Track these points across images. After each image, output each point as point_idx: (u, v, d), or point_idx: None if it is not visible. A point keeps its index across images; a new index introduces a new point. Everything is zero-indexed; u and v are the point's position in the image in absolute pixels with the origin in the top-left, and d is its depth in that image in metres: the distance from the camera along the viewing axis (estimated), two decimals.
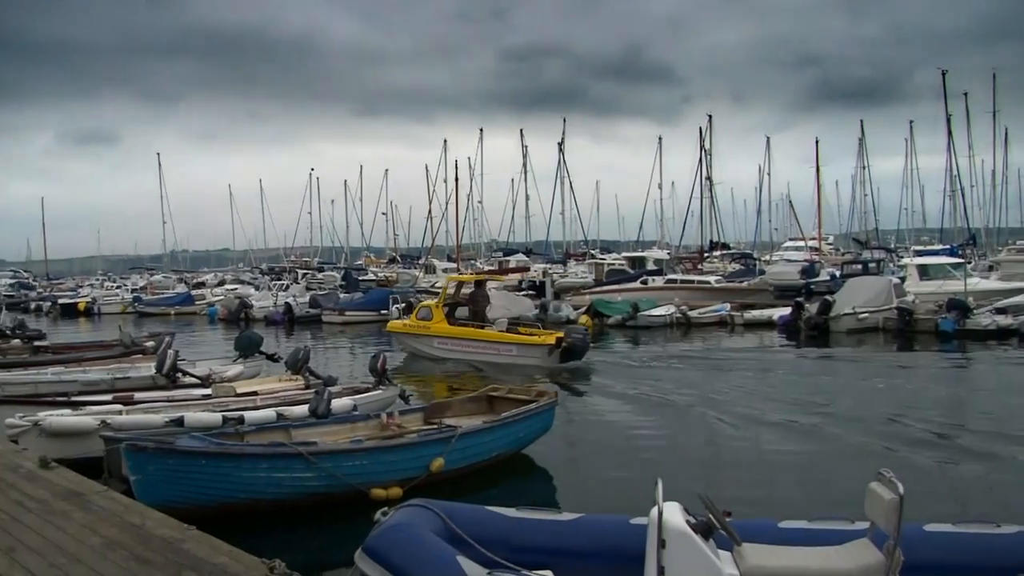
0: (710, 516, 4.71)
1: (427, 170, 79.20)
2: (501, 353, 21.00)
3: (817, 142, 74.50)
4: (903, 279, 33.75)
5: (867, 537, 5.01)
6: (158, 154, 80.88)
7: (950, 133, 55.48)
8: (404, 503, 5.86)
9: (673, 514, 4.60)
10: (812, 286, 39.61)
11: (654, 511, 4.59)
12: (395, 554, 5.08)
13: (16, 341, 20.38)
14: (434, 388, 18.39)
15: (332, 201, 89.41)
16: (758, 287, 41.24)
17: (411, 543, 5.13)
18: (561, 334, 21.00)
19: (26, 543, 5.55)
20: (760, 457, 11.79)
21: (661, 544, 4.48)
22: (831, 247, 71.84)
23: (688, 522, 4.61)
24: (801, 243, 64.34)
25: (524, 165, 77.31)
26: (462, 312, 23.32)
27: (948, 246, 49.33)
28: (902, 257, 48.62)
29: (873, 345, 26.06)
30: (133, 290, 58.95)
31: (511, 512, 5.90)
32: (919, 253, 44.50)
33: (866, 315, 28.67)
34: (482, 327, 22.12)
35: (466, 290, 24.79)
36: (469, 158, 78.19)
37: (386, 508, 5.67)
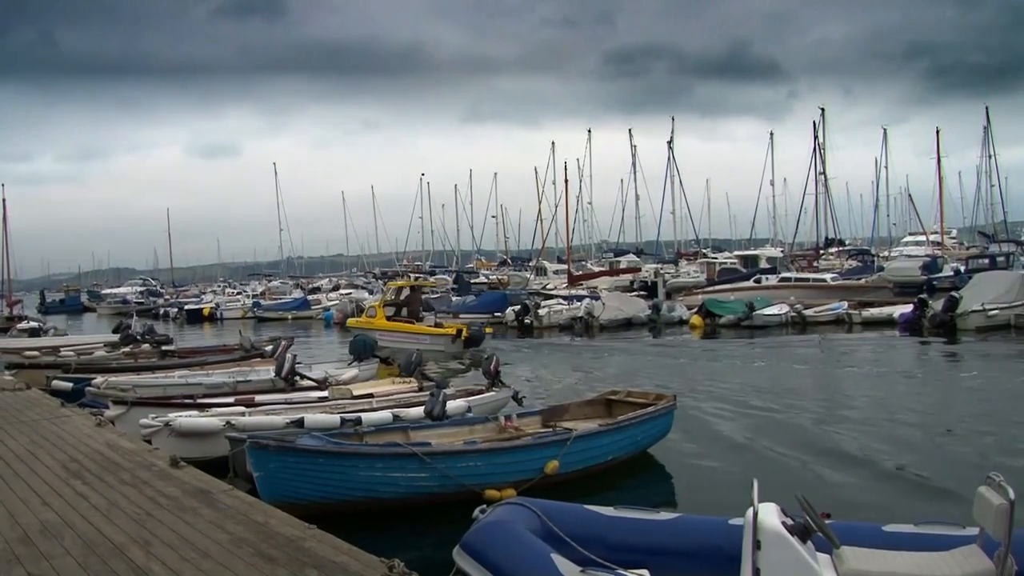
0: (807, 518, 4.66)
1: (536, 172, 79.21)
2: (419, 341, 26.83)
3: (938, 132, 71.16)
4: None
5: (976, 543, 4.88)
6: (274, 164, 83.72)
7: None
8: (503, 501, 5.98)
9: (769, 515, 4.53)
10: (934, 282, 38.23)
11: (749, 512, 4.55)
12: (490, 550, 5.21)
13: (146, 346, 21.31)
14: None
15: (443, 205, 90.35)
16: (877, 284, 40.08)
17: (506, 540, 5.25)
18: (463, 327, 28.84)
19: (161, 537, 5.85)
20: (885, 462, 11.10)
21: (756, 546, 4.43)
22: (954, 241, 68.68)
23: (784, 523, 4.53)
24: (922, 238, 61.80)
25: (633, 165, 76.63)
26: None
27: None
28: None
29: (1004, 343, 24.88)
30: (252, 296, 61.03)
31: (609, 511, 5.96)
32: None
33: (996, 312, 27.48)
34: (412, 323, 29.39)
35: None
36: (578, 159, 78.26)
37: (484, 506, 5.80)
